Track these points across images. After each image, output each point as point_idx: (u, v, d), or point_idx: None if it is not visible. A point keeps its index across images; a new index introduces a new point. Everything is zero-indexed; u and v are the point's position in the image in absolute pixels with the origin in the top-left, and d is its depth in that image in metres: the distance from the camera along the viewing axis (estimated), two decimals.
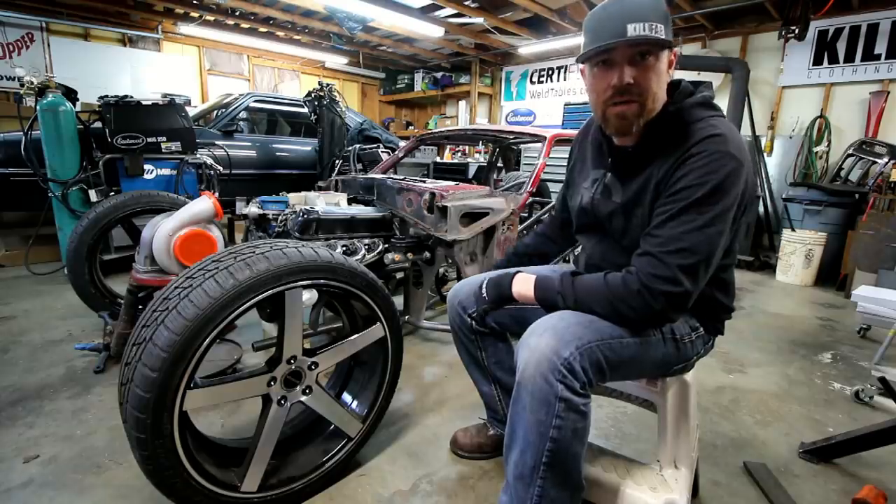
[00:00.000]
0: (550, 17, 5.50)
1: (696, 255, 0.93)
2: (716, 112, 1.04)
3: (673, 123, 1.02)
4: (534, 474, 0.95)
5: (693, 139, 0.97)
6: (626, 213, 1.08)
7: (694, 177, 0.94)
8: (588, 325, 0.97)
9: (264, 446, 1.21)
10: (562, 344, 0.92)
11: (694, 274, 0.94)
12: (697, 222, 0.93)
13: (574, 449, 0.95)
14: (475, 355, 1.43)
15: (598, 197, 1.16)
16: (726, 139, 0.96)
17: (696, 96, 1.04)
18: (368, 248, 2.08)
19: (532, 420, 0.92)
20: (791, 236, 4.23)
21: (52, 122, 2.98)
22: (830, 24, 4.76)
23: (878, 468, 1.59)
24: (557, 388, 0.90)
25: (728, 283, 1.15)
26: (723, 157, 0.94)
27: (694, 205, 0.94)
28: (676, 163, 0.98)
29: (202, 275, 1.06)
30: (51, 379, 1.96)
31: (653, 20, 0.91)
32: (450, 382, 2.06)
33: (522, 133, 3.14)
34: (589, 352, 0.94)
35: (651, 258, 0.96)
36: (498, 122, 8.35)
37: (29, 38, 5.61)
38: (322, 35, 6.95)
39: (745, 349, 2.60)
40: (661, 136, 1.02)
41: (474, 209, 2.06)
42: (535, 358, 0.92)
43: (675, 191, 0.97)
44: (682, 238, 0.94)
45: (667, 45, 0.95)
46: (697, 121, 1.00)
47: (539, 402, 0.91)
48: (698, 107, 1.03)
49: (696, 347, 1.14)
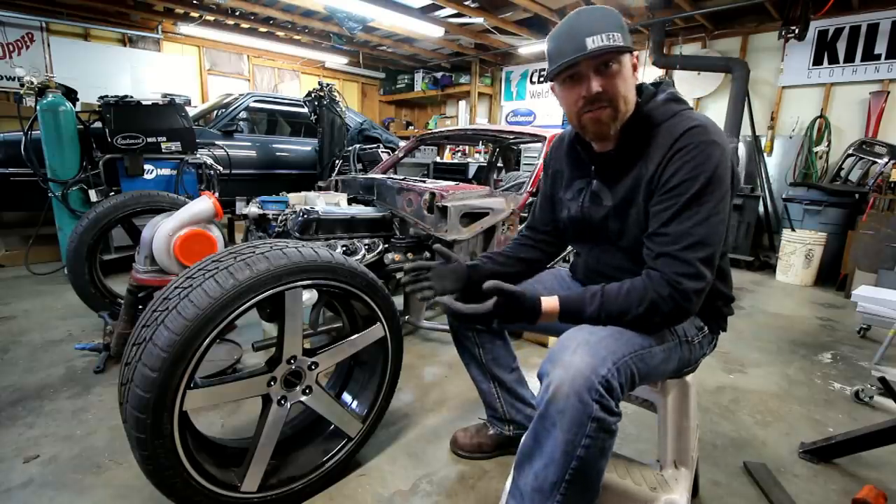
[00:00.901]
0: (550, 17, 5.49)
1: (710, 246, 0.96)
2: (685, 105, 1.07)
3: (649, 122, 1.05)
4: (554, 490, 0.91)
5: (675, 134, 1.00)
6: (619, 214, 1.09)
7: (686, 171, 0.97)
8: (619, 338, 0.95)
9: (264, 446, 1.21)
10: (598, 360, 0.89)
11: (712, 264, 0.97)
12: (701, 214, 0.95)
13: (599, 465, 0.92)
14: (474, 353, 1.43)
15: (587, 205, 1.16)
16: (706, 128, 0.99)
17: (662, 94, 1.08)
18: (368, 248, 2.08)
19: (561, 439, 0.88)
20: (791, 236, 4.23)
21: (52, 122, 2.98)
22: (830, 24, 4.76)
23: (878, 468, 1.59)
24: (593, 408, 0.86)
25: (725, 273, 1.16)
26: (708, 147, 0.97)
27: (694, 198, 0.96)
28: (664, 159, 1.00)
29: (202, 275, 1.06)
30: (51, 379, 1.96)
31: (609, 30, 0.95)
32: (450, 382, 2.06)
33: (522, 133, 3.15)
34: (624, 366, 0.92)
35: (670, 259, 0.96)
36: (498, 122, 8.35)
37: (29, 38, 5.61)
38: (322, 35, 6.95)
39: (745, 349, 2.60)
40: (640, 135, 1.05)
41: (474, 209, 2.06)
42: (569, 376, 0.87)
43: (670, 187, 0.98)
44: (693, 233, 0.95)
45: (626, 51, 0.99)
46: (672, 116, 1.04)
47: (570, 422, 0.87)
48: (668, 103, 1.06)
49: (703, 347, 1.16)
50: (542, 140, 2.75)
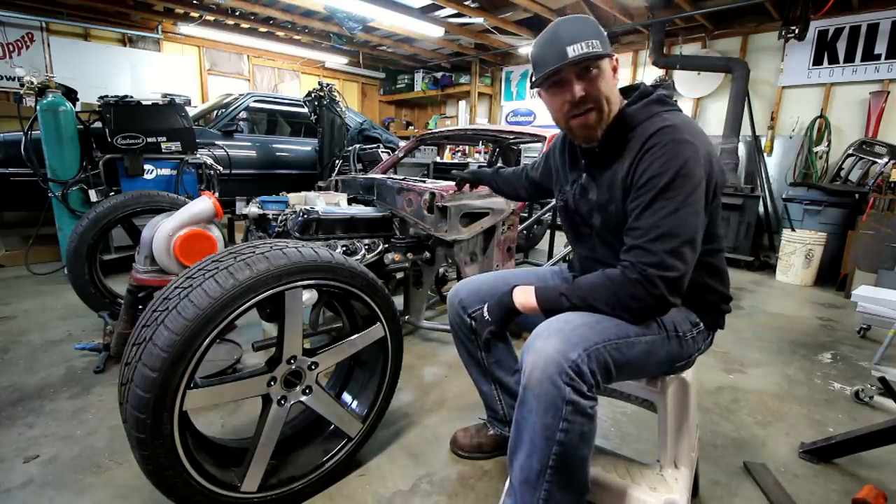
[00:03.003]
0: (550, 18, 5.49)
1: (678, 238, 0.98)
2: (669, 107, 1.10)
3: (628, 122, 1.09)
4: (540, 478, 0.95)
5: (647, 134, 1.04)
6: (601, 209, 1.14)
7: (656, 167, 1.00)
8: (594, 326, 0.98)
9: (264, 446, 1.21)
10: (569, 346, 0.92)
11: (680, 255, 0.98)
12: (669, 207, 0.98)
13: (581, 452, 0.95)
14: (475, 355, 1.43)
15: (577, 197, 1.22)
16: (677, 128, 1.02)
17: (652, 95, 1.12)
18: (368, 248, 2.08)
19: (539, 424, 0.92)
20: (791, 236, 4.23)
21: (52, 122, 2.98)
22: (830, 24, 4.76)
23: (878, 468, 1.59)
24: (565, 391, 0.90)
25: (720, 270, 1.18)
26: (678, 144, 1.00)
27: (661, 192, 0.99)
28: (636, 158, 1.04)
29: (202, 275, 1.06)
30: (51, 379, 1.96)
31: (587, 38, 1.01)
32: (450, 382, 2.06)
33: (522, 133, 3.15)
34: (596, 353, 0.95)
35: (639, 250, 1.00)
36: (498, 122, 8.34)
37: (29, 38, 5.61)
38: (322, 35, 6.95)
39: (745, 349, 2.60)
40: (619, 134, 1.09)
41: (474, 209, 2.06)
42: (541, 361, 0.92)
43: (641, 184, 1.02)
44: (660, 225, 0.99)
45: (604, 56, 1.04)
46: (650, 117, 1.08)
47: (546, 406, 0.91)
48: (652, 104, 1.10)
49: (698, 343, 1.16)
50: (542, 140, 2.75)
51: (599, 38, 1.02)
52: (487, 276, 1.43)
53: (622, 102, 1.13)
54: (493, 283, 1.37)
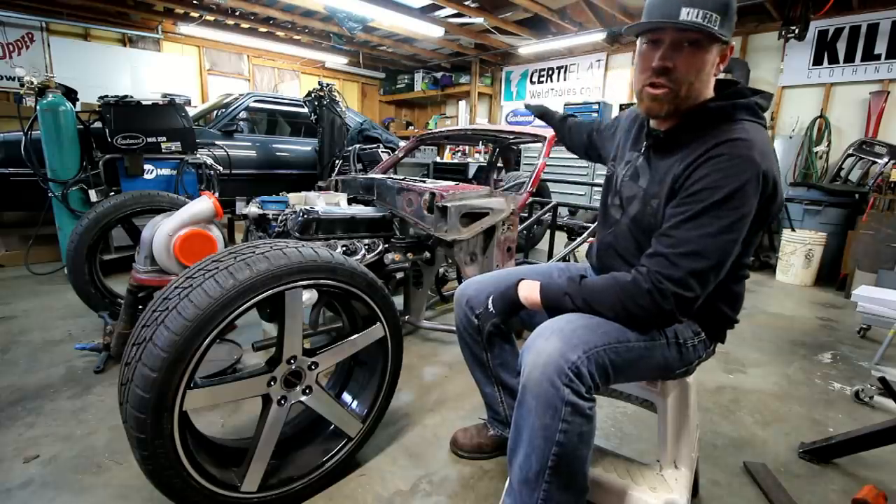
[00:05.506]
0: (550, 17, 5.50)
1: (707, 261, 0.92)
2: (755, 119, 1.00)
3: (706, 120, 1.00)
4: (539, 478, 0.94)
5: (717, 139, 0.95)
6: (644, 200, 1.08)
7: (712, 179, 0.92)
8: (595, 329, 0.97)
9: (264, 446, 1.21)
10: (569, 347, 0.91)
11: (703, 279, 0.94)
12: (712, 227, 0.91)
13: (580, 453, 0.94)
14: (480, 357, 1.42)
15: (626, 179, 1.15)
16: (751, 143, 0.92)
17: (744, 100, 1.00)
18: (368, 248, 2.07)
19: (538, 424, 0.91)
20: (791, 236, 4.23)
21: (52, 122, 2.98)
22: (830, 24, 4.76)
23: (878, 468, 1.59)
24: (564, 392, 0.89)
25: (737, 296, 1.13)
26: (744, 162, 0.91)
27: (711, 209, 0.91)
28: (696, 161, 0.96)
29: (202, 275, 1.06)
30: (51, 379, 1.96)
31: (710, 9, 0.88)
32: (450, 382, 2.06)
33: (522, 133, 3.14)
34: (596, 356, 0.93)
35: (662, 259, 0.95)
36: (498, 122, 8.35)
37: (29, 38, 5.62)
38: (322, 35, 6.95)
39: (745, 349, 2.60)
40: (691, 129, 1.01)
41: (474, 209, 2.05)
42: (541, 361, 0.91)
43: (692, 192, 0.94)
44: (696, 242, 0.92)
45: (717, 40, 0.92)
46: (730, 122, 0.98)
47: (545, 406, 0.90)
48: (740, 109, 0.99)
49: (698, 352, 1.14)
50: (542, 140, 2.75)
51: (723, 17, 0.89)
52: (493, 275, 1.41)
53: (709, 95, 1.01)
54: (499, 281, 1.34)
